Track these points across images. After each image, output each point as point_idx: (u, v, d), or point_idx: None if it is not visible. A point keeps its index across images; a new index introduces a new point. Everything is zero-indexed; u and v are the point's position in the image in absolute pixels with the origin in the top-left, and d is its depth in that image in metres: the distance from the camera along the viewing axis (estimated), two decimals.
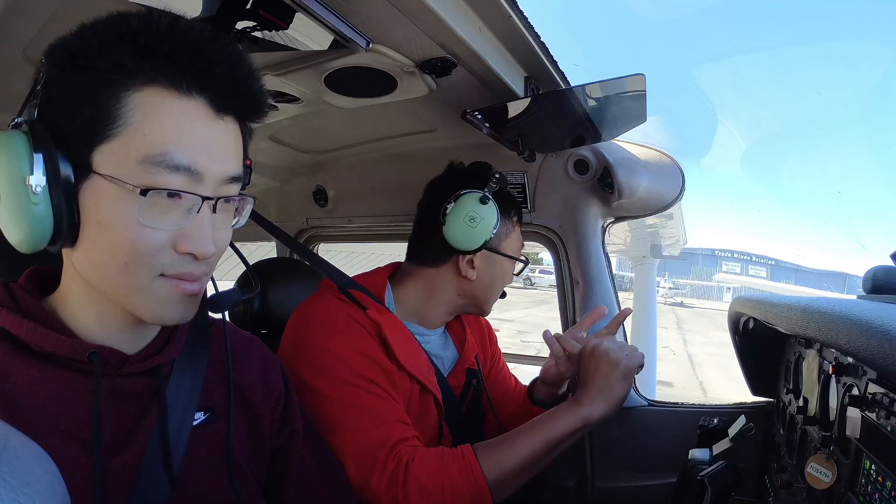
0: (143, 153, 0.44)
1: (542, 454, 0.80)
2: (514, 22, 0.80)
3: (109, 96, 0.44)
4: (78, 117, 0.44)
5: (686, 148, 1.44)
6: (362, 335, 0.85)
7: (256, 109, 0.51)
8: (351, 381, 0.80)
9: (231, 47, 0.48)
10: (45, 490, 0.31)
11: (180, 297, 0.49)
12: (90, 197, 0.45)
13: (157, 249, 0.46)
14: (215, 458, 0.56)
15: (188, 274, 0.48)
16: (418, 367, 0.90)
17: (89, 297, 0.50)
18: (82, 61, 0.44)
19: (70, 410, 0.47)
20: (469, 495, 0.74)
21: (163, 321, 0.50)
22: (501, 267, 0.98)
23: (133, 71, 0.44)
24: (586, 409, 0.81)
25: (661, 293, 24.09)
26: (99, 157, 0.44)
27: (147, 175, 0.44)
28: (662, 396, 1.36)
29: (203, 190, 0.47)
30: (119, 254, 0.45)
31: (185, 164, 0.45)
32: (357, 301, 0.89)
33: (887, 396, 0.58)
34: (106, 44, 0.44)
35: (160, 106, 0.45)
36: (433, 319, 0.99)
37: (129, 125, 0.44)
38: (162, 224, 0.45)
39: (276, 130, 1.31)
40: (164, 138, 0.44)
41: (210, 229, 0.48)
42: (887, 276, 0.91)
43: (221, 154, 0.48)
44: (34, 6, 0.67)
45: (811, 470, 0.71)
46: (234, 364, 0.62)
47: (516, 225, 1.00)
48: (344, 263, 6.30)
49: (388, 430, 0.78)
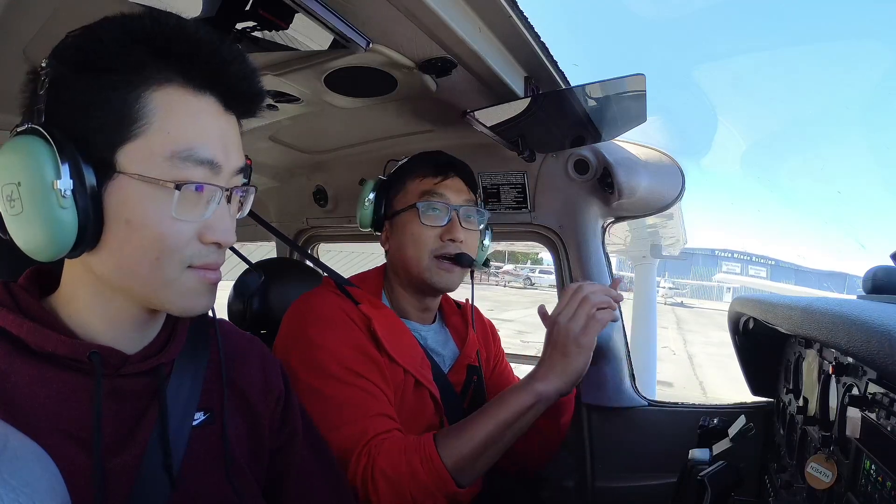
0: (170, 150, 0.46)
1: (498, 435, 0.78)
2: (514, 22, 0.80)
3: (129, 96, 0.45)
4: (95, 119, 0.44)
5: (686, 148, 1.44)
6: (352, 328, 0.86)
7: (256, 106, 0.54)
8: (336, 375, 0.82)
9: (235, 47, 0.50)
10: (45, 490, 0.31)
11: (206, 286, 0.51)
12: (117, 197, 0.45)
13: (185, 242, 0.48)
14: (215, 458, 0.56)
15: (213, 263, 0.50)
16: (411, 361, 0.90)
17: (100, 297, 0.50)
18: (100, 63, 0.44)
19: (70, 410, 0.47)
20: (432, 483, 0.75)
21: (189, 312, 0.51)
22: (401, 222, 0.97)
23: (152, 71, 0.45)
24: (540, 385, 0.80)
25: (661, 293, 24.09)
26: (123, 157, 0.45)
27: (175, 170, 0.46)
28: (662, 396, 1.36)
29: (220, 182, 0.49)
30: (151, 250, 0.46)
31: (208, 157, 0.47)
32: (352, 297, 0.91)
33: (887, 396, 0.58)
34: (122, 45, 0.45)
35: (179, 104, 0.46)
36: (411, 311, 1.00)
37: (151, 124, 0.45)
38: (190, 216, 0.47)
39: (276, 130, 1.31)
40: (188, 135, 0.46)
41: (229, 219, 0.51)
42: (887, 276, 0.91)
43: (233, 147, 0.51)
44: (34, 6, 0.67)
45: (811, 470, 0.71)
46: (233, 364, 0.62)
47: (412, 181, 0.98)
48: (344, 263, 6.30)
49: (367, 423, 0.79)
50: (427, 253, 0.93)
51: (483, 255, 1.06)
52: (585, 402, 1.24)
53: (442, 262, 0.94)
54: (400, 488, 0.75)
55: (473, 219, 0.98)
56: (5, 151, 0.44)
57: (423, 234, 0.94)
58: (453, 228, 0.94)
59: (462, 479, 0.77)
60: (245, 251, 0.66)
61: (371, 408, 0.81)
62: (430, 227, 0.94)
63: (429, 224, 0.94)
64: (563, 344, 0.81)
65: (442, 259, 0.94)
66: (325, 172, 1.60)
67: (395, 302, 1.00)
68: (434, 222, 0.94)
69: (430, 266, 0.93)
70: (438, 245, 0.94)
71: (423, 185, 0.96)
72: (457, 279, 0.96)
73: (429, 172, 0.97)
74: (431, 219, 0.94)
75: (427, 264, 0.93)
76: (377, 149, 1.41)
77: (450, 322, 1.09)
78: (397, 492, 0.75)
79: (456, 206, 0.95)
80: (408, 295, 0.99)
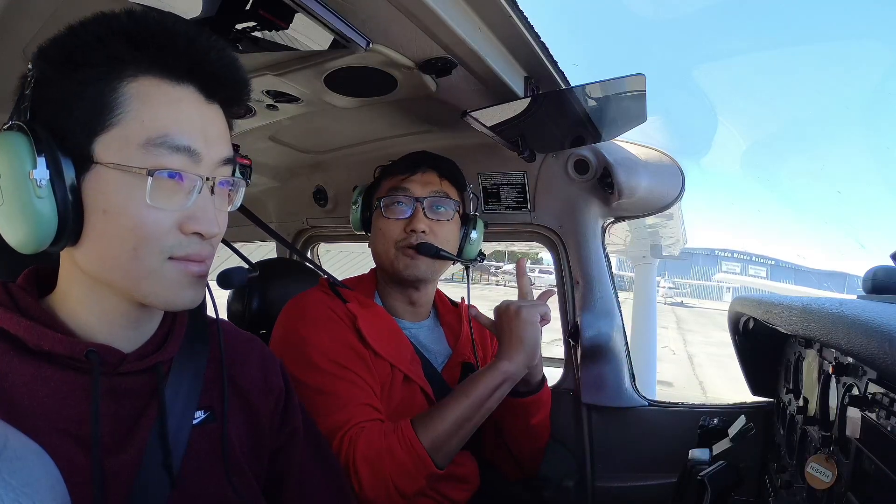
0: (144, 137, 0.46)
1: (471, 414, 0.84)
2: (514, 22, 0.80)
3: (105, 88, 0.45)
4: (75, 111, 0.45)
5: (686, 148, 1.44)
6: (338, 324, 0.91)
7: (240, 96, 0.54)
8: (323, 367, 0.85)
9: (215, 38, 0.50)
10: (45, 490, 0.31)
11: (189, 279, 0.50)
12: (94, 188, 0.46)
13: (164, 231, 0.47)
14: (216, 457, 0.56)
15: (195, 255, 0.50)
16: (397, 357, 0.94)
17: (92, 294, 0.50)
18: (78, 57, 0.45)
19: (68, 409, 0.47)
20: (411, 462, 0.79)
21: (173, 306, 0.51)
22: (374, 220, 1.01)
23: (128, 62, 0.46)
24: (505, 363, 0.87)
25: (661, 293, 24.09)
26: (100, 148, 0.45)
27: (150, 158, 0.46)
28: (662, 396, 1.36)
29: (201, 171, 0.49)
30: (128, 239, 0.46)
31: (184, 144, 0.47)
32: (341, 296, 0.96)
33: (887, 396, 0.58)
34: (100, 39, 0.45)
35: (156, 93, 0.47)
36: (401, 308, 1.03)
37: (127, 113, 0.46)
38: (168, 205, 0.47)
39: (276, 130, 1.31)
40: (163, 122, 0.47)
41: (213, 210, 0.50)
42: (887, 276, 0.91)
43: (215, 136, 0.50)
44: (34, 6, 0.67)
45: (811, 470, 0.71)
46: (234, 363, 0.62)
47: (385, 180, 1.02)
48: (344, 263, 6.30)
49: (350, 412, 0.82)
50: (392, 244, 0.97)
51: (472, 248, 1.07)
52: (585, 402, 1.24)
53: (406, 250, 0.96)
54: (381, 471, 0.78)
55: (442, 209, 0.99)
56: None
57: (387, 227, 0.98)
58: (414, 219, 0.96)
59: (439, 458, 0.81)
60: (245, 251, 0.66)
61: (355, 398, 0.84)
62: (393, 221, 0.97)
63: (392, 217, 0.98)
64: (513, 323, 0.88)
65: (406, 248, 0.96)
66: (324, 172, 1.60)
67: (386, 301, 1.03)
68: (397, 215, 0.97)
69: (396, 255, 0.97)
70: (402, 236, 0.97)
71: (391, 182, 1.00)
72: (423, 266, 0.97)
73: (399, 170, 1.00)
74: (394, 212, 0.98)
75: (394, 254, 0.97)
76: (377, 149, 1.41)
77: (444, 320, 1.10)
78: (378, 475, 0.78)
79: (420, 198, 0.97)
80: (394, 291, 1.02)
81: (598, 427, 1.24)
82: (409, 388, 0.94)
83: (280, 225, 1.79)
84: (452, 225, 1.01)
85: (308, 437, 0.69)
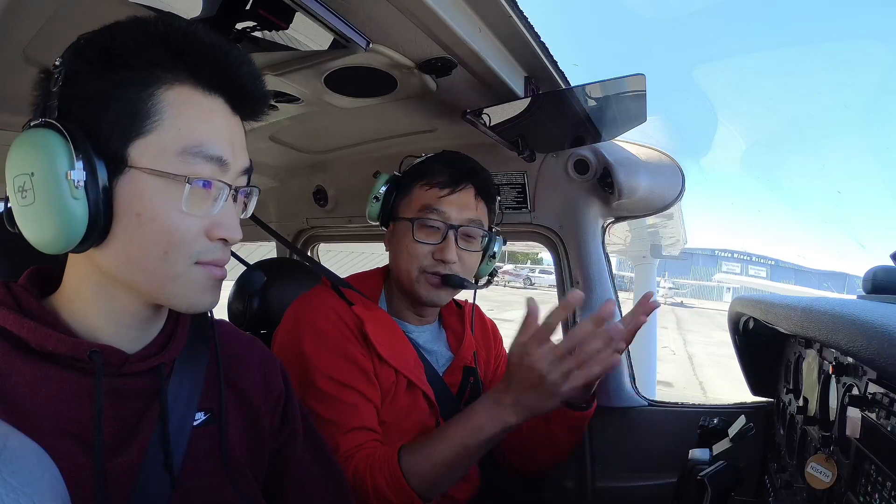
0: (181, 145, 0.47)
1: (463, 458, 0.77)
2: (514, 22, 0.80)
3: (143, 93, 0.46)
4: (109, 114, 0.45)
5: (686, 148, 1.44)
6: (343, 334, 0.87)
7: (262, 109, 0.55)
8: (321, 387, 0.83)
9: (244, 51, 0.51)
10: (45, 490, 0.31)
11: (212, 282, 0.52)
12: (128, 191, 0.46)
13: (193, 237, 0.49)
14: (216, 458, 0.56)
15: (220, 260, 0.51)
16: (403, 363, 0.91)
17: (103, 294, 0.50)
18: (118, 59, 0.46)
19: (71, 410, 0.47)
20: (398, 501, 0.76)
21: (195, 308, 0.52)
22: (400, 230, 0.94)
23: (166, 69, 0.47)
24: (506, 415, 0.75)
25: (661, 293, 24.09)
26: (135, 152, 0.46)
27: (185, 166, 0.47)
28: (662, 396, 1.36)
29: (227, 179, 0.51)
30: (160, 243, 0.47)
31: (217, 154, 0.49)
32: (346, 298, 0.92)
33: (887, 396, 0.58)
34: (140, 43, 0.46)
35: (190, 103, 0.48)
36: (407, 313, 1.00)
37: (164, 120, 0.47)
38: (198, 211, 0.49)
39: (276, 130, 1.32)
40: (198, 132, 0.48)
41: (236, 216, 0.52)
42: (887, 276, 0.91)
43: (240, 147, 0.52)
44: (34, 6, 0.67)
45: (811, 470, 0.71)
46: (233, 364, 0.62)
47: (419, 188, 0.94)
48: (344, 263, 6.30)
49: (339, 440, 0.80)
50: (417, 268, 0.92)
51: (487, 268, 1.02)
52: None
53: (431, 277, 0.92)
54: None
55: (476, 239, 0.95)
56: (19, 144, 0.45)
57: (416, 249, 0.91)
58: (445, 249, 0.90)
59: (429, 492, 0.78)
60: (245, 251, 0.67)
61: (351, 421, 0.82)
62: (423, 244, 0.91)
63: (422, 241, 0.91)
64: (535, 385, 0.72)
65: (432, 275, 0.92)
66: (325, 172, 1.60)
67: (391, 303, 1.00)
68: (428, 239, 0.91)
69: (419, 279, 0.92)
70: (430, 262, 0.91)
71: (426, 198, 0.92)
72: (444, 296, 0.94)
73: (438, 182, 0.93)
74: (426, 235, 0.92)
75: (416, 277, 0.92)
76: (377, 149, 1.41)
77: (447, 323, 1.08)
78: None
79: (455, 225, 0.91)
80: (404, 300, 0.99)
81: (598, 427, 1.24)
82: (413, 393, 0.93)
83: (280, 225, 1.79)
84: (479, 252, 0.98)
85: (308, 437, 0.69)
